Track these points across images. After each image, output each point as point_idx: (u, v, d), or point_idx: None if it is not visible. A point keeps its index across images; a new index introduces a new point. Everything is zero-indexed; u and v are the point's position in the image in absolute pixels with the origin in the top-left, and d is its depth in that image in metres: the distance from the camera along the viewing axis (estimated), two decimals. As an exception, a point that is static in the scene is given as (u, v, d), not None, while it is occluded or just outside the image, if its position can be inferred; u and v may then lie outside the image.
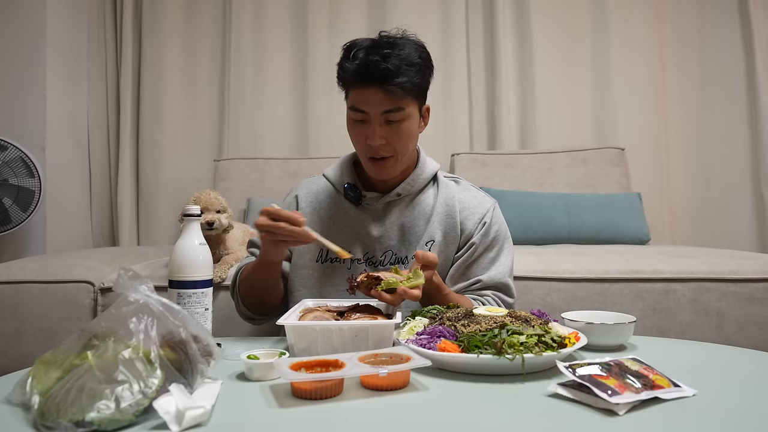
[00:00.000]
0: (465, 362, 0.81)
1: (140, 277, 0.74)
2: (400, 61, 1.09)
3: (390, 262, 1.22)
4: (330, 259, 1.23)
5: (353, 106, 1.14)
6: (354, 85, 1.13)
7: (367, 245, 1.23)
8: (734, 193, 2.80)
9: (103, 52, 3.04)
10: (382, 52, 1.09)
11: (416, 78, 1.12)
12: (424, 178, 1.26)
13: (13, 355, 1.72)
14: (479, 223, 1.23)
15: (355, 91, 1.13)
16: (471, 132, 2.92)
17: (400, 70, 1.09)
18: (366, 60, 1.09)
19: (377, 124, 1.12)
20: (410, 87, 1.11)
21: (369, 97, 1.11)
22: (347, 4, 2.95)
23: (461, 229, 1.23)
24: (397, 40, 1.13)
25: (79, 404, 0.62)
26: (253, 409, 0.70)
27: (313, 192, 1.30)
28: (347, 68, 1.12)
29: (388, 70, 1.08)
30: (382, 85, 1.09)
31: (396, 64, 1.08)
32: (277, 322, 0.91)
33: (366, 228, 1.23)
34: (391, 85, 1.08)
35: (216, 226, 1.72)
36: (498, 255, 1.24)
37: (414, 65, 1.11)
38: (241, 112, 2.97)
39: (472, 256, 1.22)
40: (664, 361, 0.85)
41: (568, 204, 2.37)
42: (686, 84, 2.87)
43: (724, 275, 1.66)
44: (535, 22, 2.86)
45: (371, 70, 1.08)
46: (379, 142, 1.13)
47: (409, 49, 1.12)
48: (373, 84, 1.09)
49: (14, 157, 2.46)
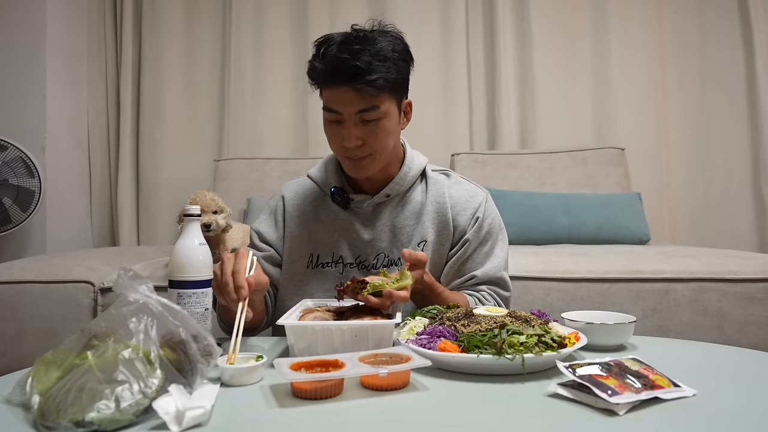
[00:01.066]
0: (465, 362, 0.81)
1: (140, 277, 0.74)
2: (372, 57, 1.03)
3: (382, 264, 1.18)
4: (321, 264, 1.20)
5: (326, 106, 1.09)
6: (325, 84, 1.07)
7: (359, 249, 1.19)
8: (734, 193, 2.81)
9: (103, 52, 3.04)
10: (352, 48, 1.03)
11: (391, 73, 1.05)
12: (412, 176, 1.21)
13: (13, 355, 1.72)
14: (472, 218, 1.20)
15: (327, 91, 1.07)
16: (471, 132, 2.93)
17: (372, 66, 1.02)
18: (335, 58, 1.03)
19: (352, 124, 1.07)
20: (383, 84, 1.04)
21: (341, 96, 1.05)
22: (347, 4, 2.96)
23: (453, 226, 1.20)
24: (369, 33, 1.07)
25: (79, 404, 0.62)
26: (254, 409, 0.70)
27: (300, 195, 1.25)
28: (317, 67, 1.06)
29: (358, 68, 1.01)
30: (353, 84, 1.02)
31: (367, 61, 1.02)
32: (277, 322, 0.91)
33: (356, 231, 1.19)
34: (363, 83, 1.02)
35: (213, 228, 1.71)
36: (492, 248, 1.21)
37: (387, 60, 1.05)
38: (241, 112, 2.97)
39: (466, 253, 1.20)
40: (664, 361, 0.84)
41: (568, 204, 2.37)
42: (686, 84, 2.87)
43: (724, 275, 1.66)
44: (535, 22, 2.87)
45: (341, 68, 1.02)
46: (355, 143, 1.07)
47: (383, 43, 1.06)
48: (344, 83, 1.03)
49: (14, 157, 2.46)
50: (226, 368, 0.78)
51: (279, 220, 1.25)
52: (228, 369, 0.78)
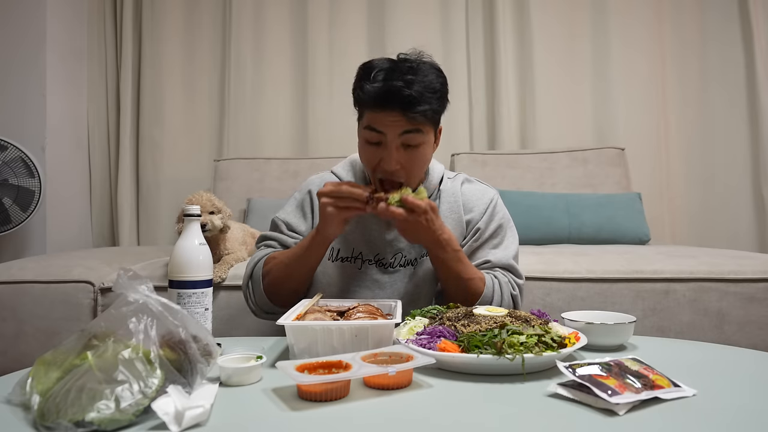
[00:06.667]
0: (465, 362, 0.81)
1: (140, 277, 0.74)
2: (423, 88, 1.07)
3: (400, 264, 1.23)
4: (341, 258, 1.25)
5: (370, 125, 1.11)
6: (374, 107, 1.10)
7: (378, 247, 1.24)
8: (734, 193, 2.81)
9: (103, 51, 3.04)
10: (405, 78, 1.07)
11: (436, 105, 1.11)
12: (433, 186, 1.27)
13: (13, 355, 1.72)
14: (483, 212, 1.26)
15: (374, 113, 1.11)
16: (471, 132, 2.93)
17: (423, 97, 1.07)
18: (389, 85, 1.07)
19: (394, 147, 1.10)
20: (431, 115, 1.10)
21: (388, 119, 1.09)
22: (347, 4, 2.95)
23: (467, 221, 1.26)
24: (418, 64, 1.11)
25: (79, 404, 0.62)
26: (259, 412, 0.69)
27: None
28: (368, 90, 1.09)
29: (412, 97, 1.06)
30: (404, 112, 1.07)
31: (419, 92, 1.06)
32: (277, 322, 0.91)
33: (378, 231, 1.24)
34: (414, 112, 1.07)
35: (209, 228, 1.71)
36: (503, 240, 1.26)
37: (436, 92, 1.10)
38: (241, 112, 2.97)
39: (479, 241, 1.24)
40: (664, 361, 0.85)
41: (568, 204, 2.37)
42: (686, 84, 2.87)
43: (724, 275, 1.66)
44: (535, 22, 2.86)
45: (394, 95, 1.06)
46: (395, 168, 1.11)
47: (431, 75, 1.10)
48: (395, 109, 1.07)
49: (14, 157, 2.46)
50: (225, 368, 0.78)
51: (307, 212, 1.30)
52: (227, 368, 0.78)
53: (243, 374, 0.79)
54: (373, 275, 1.24)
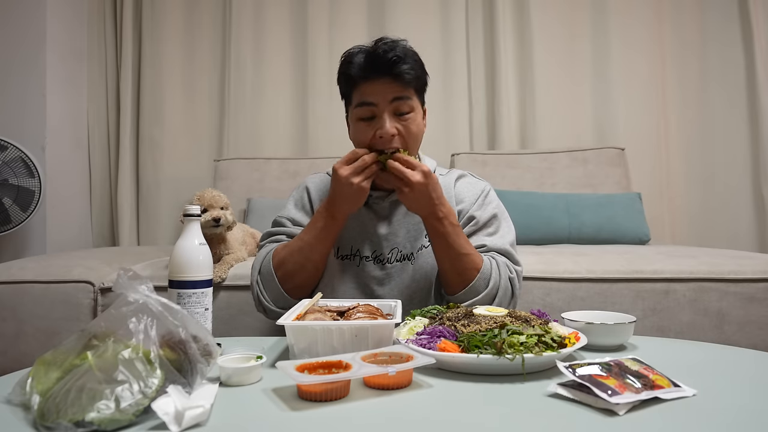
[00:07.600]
0: (465, 362, 0.81)
1: (140, 277, 0.74)
2: (404, 52, 1.15)
3: (396, 259, 1.25)
4: (341, 256, 1.26)
5: (361, 101, 1.16)
6: (361, 80, 1.16)
7: (375, 243, 1.26)
8: (734, 193, 2.80)
9: (103, 51, 3.04)
10: (385, 45, 1.15)
11: (419, 70, 1.18)
12: None
13: (13, 355, 1.72)
14: (474, 202, 1.28)
15: (363, 86, 1.16)
16: (471, 132, 2.93)
17: (407, 57, 1.15)
18: (374, 55, 1.15)
19: (387, 114, 1.15)
20: (415, 75, 1.16)
21: (377, 87, 1.15)
22: (347, 4, 2.96)
23: (458, 212, 1.27)
24: (394, 41, 1.18)
25: (79, 404, 0.62)
26: (259, 412, 0.69)
27: (322, 190, 1.32)
28: (355, 63, 1.16)
29: (397, 57, 1.13)
30: (391, 71, 1.13)
31: (402, 52, 1.14)
32: (277, 322, 0.91)
33: (374, 226, 1.26)
34: (400, 70, 1.13)
35: (222, 222, 1.71)
36: (498, 229, 1.26)
37: (417, 60, 1.18)
38: (241, 112, 2.97)
39: (475, 227, 1.25)
40: (664, 361, 0.84)
41: (568, 204, 2.37)
42: (686, 84, 2.87)
43: (724, 275, 1.66)
44: (535, 22, 2.86)
45: (380, 58, 1.14)
46: (392, 131, 1.14)
47: (407, 45, 1.18)
48: (382, 73, 1.14)
49: (14, 157, 2.46)
50: (225, 368, 0.78)
51: (308, 209, 1.32)
52: (227, 368, 0.78)
53: (243, 374, 0.78)
54: (372, 272, 1.25)
